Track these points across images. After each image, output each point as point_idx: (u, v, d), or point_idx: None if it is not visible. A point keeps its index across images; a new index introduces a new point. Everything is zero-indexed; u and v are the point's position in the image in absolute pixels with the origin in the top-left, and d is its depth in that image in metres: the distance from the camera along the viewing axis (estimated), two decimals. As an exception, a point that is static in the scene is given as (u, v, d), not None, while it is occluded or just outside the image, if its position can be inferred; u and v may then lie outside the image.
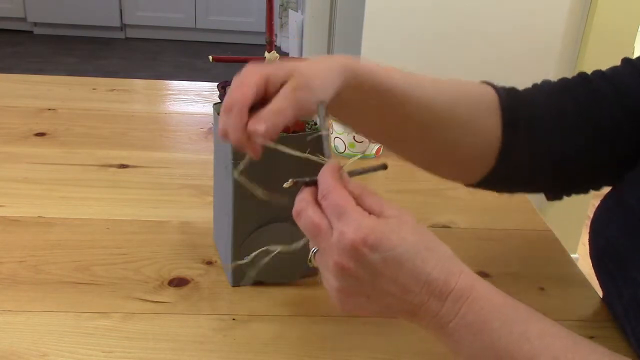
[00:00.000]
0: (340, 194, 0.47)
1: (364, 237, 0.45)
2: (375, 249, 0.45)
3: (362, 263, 0.45)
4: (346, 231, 0.45)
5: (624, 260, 0.61)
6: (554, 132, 0.65)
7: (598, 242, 0.66)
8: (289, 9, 2.68)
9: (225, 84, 0.67)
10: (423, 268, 0.46)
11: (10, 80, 1.26)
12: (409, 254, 0.46)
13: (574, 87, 0.67)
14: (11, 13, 4.13)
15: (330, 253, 0.46)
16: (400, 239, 0.45)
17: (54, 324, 0.62)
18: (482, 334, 0.46)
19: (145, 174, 0.93)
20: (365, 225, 0.45)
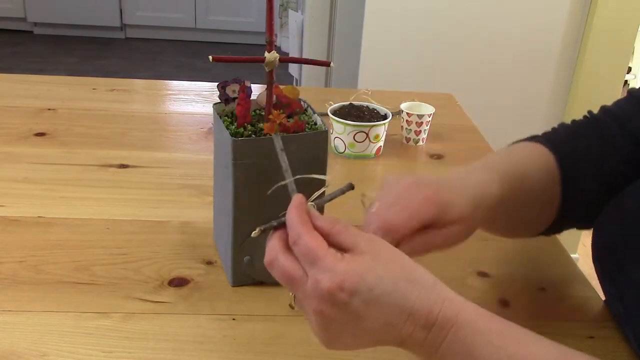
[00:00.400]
0: (309, 238, 0.46)
1: (340, 283, 0.44)
2: (353, 294, 0.45)
3: (341, 308, 0.45)
4: (321, 279, 0.45)
5: (625, 262, 0.61)
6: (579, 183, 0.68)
7: (599, 244, 0.66)
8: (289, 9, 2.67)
9: (225, 84, 0.67)
10: (404, 303, 0.46)
11: (10, 80, 1.26)
12: (388, 291, 0.45)
13: (584, 131, 0.71)
14: (11, 13, 4.13)
15: (309, 300, 0.46)
16: (377, 278, 0.45)
17: (54, 324, 0.62)
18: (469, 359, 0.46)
19: (145, 174, 0.93)
20: (340, 271, 0.45)
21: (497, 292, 0.71)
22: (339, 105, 1.07)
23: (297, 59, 0.72)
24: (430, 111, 1.09)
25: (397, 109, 1.11)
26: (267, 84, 0.64)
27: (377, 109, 1.07)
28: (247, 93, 0.65)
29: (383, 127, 1.03)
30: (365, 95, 1.14)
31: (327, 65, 0.63)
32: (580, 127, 0.72)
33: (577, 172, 0.67)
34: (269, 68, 0.62)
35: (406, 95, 1.20)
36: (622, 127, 0.68)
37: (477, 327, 0.46)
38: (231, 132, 0.63)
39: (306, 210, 0.49)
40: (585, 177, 0.68)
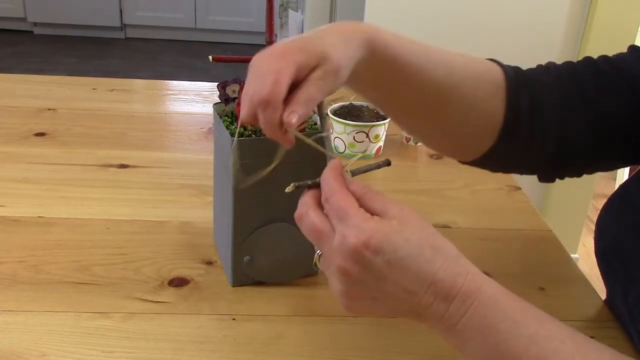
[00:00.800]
0: (342, 196, 0.47)
1: (366, 241, 0.44)
2: (378, 252, 0.44)
3: (365, 266, 0.45)
4: (348, 235, 0.45)
5: (629, 260, 0.61)
6: (555, 116, 0.64)
7: (603, 242, 0.66)
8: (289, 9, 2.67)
9: (225, 84, 0.67)
10: (428, 269, 0.45)
11: (10, 80, 1.26)
12: (413, 255, 0.45)
13: (580, 70, 0.66)
14: (11, 13, 4.13)
15: (333, 257, 0.46)
16: (403, 241, 0.45)
17: (54, 324, 0.62)
18: (489, 337, 0.45)
19: (145, 174, 0.93)
20: (368, 228, 0.45)
21: (497, 292, 0.71)
22: (339, 105, 1.07)
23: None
24: (430, 111, 1.09)
25: (397, 109, 1.11)
26: (267, 84, 0.64)
27: (377, 109, 1.07)
28: (247, 93, 0.65)
29: (383, 127, 1.03)
30: (365, 95, 1.14)
31: (327, 65, 0.63)
32: (575, 67, 0.68)
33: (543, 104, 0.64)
34: (269, 68, 0.62)
35: (406, 95, 1.19)
36: (618, 73, 0.65)
37: (500, 304, 0.46)
38: (231, 132, 0.63)
39: (341, 174, 0.49)
40: (564, 114, 0.64)
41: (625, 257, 0.62)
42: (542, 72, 0.67)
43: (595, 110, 0.64)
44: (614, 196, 0.67)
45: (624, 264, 0.62)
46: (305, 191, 0.50)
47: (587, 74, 0.66)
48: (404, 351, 0.62)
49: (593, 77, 0.65)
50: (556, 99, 0.64)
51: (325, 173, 0.49)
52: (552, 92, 0.65)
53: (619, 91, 0.64)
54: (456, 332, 0.46)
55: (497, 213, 0.90)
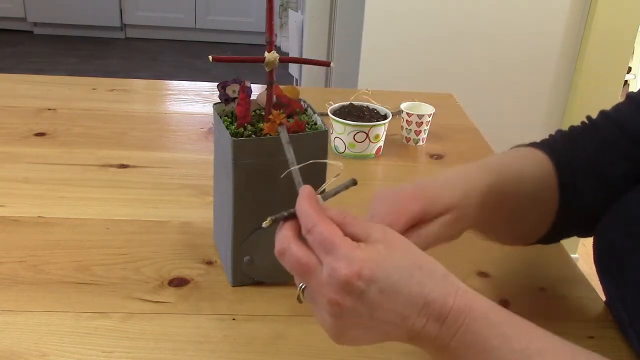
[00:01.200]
0: (325, 227, 0.46)
1: (358, 271, 0.44)
2: (371, 282, 0.44)
3: (358, 297, 0.44)
4: (338, 267, 0.44)
5: (627, 265, 0.61)
6: (577, 191, 0.68)
7: (602, 246, 0.66)
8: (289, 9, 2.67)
9: (225, 84, 0.67)
10: (420, 292, 0.45)
11: (10, 80, 1.26)
12: (404, 280, 0.45)
13: (582, 138, 0.70)
14: (11, 13, 4.13)
15: (323, 290, 0.45)
16: (393, 267, 0.45)
17: (54, 324, 0.62)
18: (481, 353, 0.45)
19: (145, 174, 0.93)
20: (358, 258, 0.44)
21: (497, 292, 0.71)
22: (339, 105, 1.07)
23: (297, 59, 0.72)
24: (430, 111, 1.09)
25: (397, 109, 1.11)
26: (267, 84, 0.64)
27: (377, 109, 1.07)
28: (247, 93, 0.65)
29: (383, 127, 1.03)
30: (365, 95, 1.14)
31: (327, 65, 0.63)
32: (580, 133, 0.71)
33: (575, 179, 0.67)
34: (269, 68, 0.62)
35: (406, 95, 1.20)
36: (622, 130, 0.68)
37: (490, 320, 0.46)
38: (231, 132, 0.63)
39: (316, 201, 0.48)
40: (584, 184, 0.68)
41: (622, 261, 0.62)
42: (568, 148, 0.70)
43: (602, 175, 0.68)
44: (613, 206, 0.67)
45: (621, 268, 0.62)
46: (281, 224, 0.49)
47: (592, 140, 0.69)
48: (404, 351, 0.62)
49: (600, 143, 0.69)
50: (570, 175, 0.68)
51: (299, 203, 0.48)
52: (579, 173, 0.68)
53: (621, 152, 0.67)
54: (449, 351, 0.46)
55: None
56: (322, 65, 0.65)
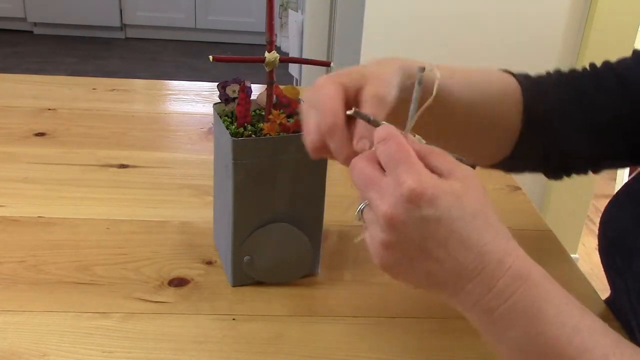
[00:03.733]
0: (400, 142, 0.44)
1: (423, 190, 0.41)
2: (431, 205, 0.42)
3: (414, 217, 0.42)
4: (405, 180, 0.42)
5: (632, 255, 0.61)
6: (560, 125, 0.68)
7: (607, 236, 0.66)
8: (289, 9, 2.67)
9: (225, 84, 0.67)
10: (478, 238, 0.42)
11: (10, 80, 1.26)
12: (465, 220, 0.42)
13: (580, 80, 0.70)
14: (11, 13, 4.13)
15: (382, 202, 0.43)
16: (459, 203, 0.42)
17: (54, 324, 0.62)
18: (533, 325, 0.42)
19: (145, 174, 0.93)
20: (427, 178, 0.42)
21: (497, 292, 0.71)
22: (339, 105, 1.06)
23: (297, 59, 0.72)
24: (430, 111, 1.09)
25: (397, 109, 1.11)
26: (267, 84, 0.64)
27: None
28: (247, 93, 0.65)
29: (383, 127, 1.03)
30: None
31: (327, 65, 0.63)
32: (578, 76, 0.71)
33: (540, 100, 0.67)
34: (269, 68, 0.62)
35: (406, 95, 1.19)
36: (619, 80, 0.67)
37: (548, 289, 0.44)
38: (231, 132, 0.63)
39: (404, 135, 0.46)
40: (567, 123, 0.67)
41: (627, 251, 0.62)
42: (548, 82, 0.71)
43: (594, 120, 0.67)
44: (620, 193, 0.67)
45: (626, 258, 0.62)
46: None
47: (588, 83, 0.69)
48: (404, 351, 0.62)
49: (593, 87, 0.68)
50: (558, 109, 0.68)
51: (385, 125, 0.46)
52: (554, 103, 0.68)
53: (618, 100, 0.67)
54: (494, 318, 0.43)
55: (497, 213, 0.90)
56: (322, 65, 0.65)
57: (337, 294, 0.69)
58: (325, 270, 0.72)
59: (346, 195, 0.92)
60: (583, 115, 0.67)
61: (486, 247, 0.43)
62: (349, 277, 0.73)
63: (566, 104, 0.68)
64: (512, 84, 0.68)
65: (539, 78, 0.71)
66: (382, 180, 0.44)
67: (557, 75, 0.72)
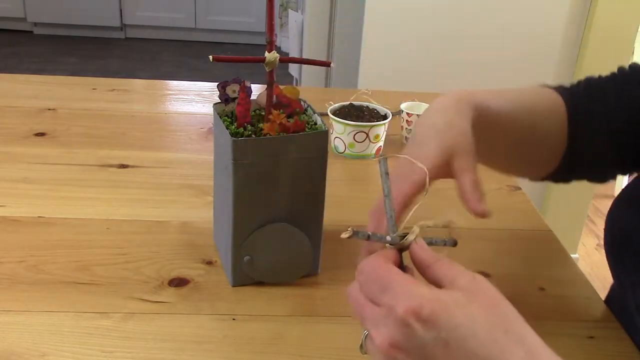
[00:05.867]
0: (379, 268, 0.40)
1: (418, 309, 0.36)
2: (432, 325, 0.36)
3: (416, 343, 0.36)
4: (395, 304, 0.37)
5: (638, 252, 0.61)
6: (600, 132, 0.69)
7: (614, 232, 0.66)
8: (289, 9, 2.67)
9: (225, 84, 0.67)
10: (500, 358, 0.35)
11: (10, 80, 1.26)
12: (480, 338, 0.35)
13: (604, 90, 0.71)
14: (11, 13, 4.13)
15: (378, 333, 0.38)
16: (466, 316, 0.36)
17: (54, 324, 0.62)
18: None
19: (145, 174, 0.93)
20: (418, 294, 0.37)
21: (497, 292, 0.71)
22: (339, 105, 1.07)
23: (297, 59, 0.72)
24: (430, 111, 1.09)
25: (397, 109, 1.11)
26: (267, 84, 0.64)
27: (377, 109, 1.07)
28: (247, 93, 0.65)
29: (383, 127, 1.03)
30: (365, 95, 1.14)
31: (327, 65, 0.63)
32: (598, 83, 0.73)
33: (587, 121, 0.69)
34: (269, 68, 0.62)
35: (406, 95, 1.20)
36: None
37: None
38: (231, 132, 0.63)
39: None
40: (595, 130, 0.69)
41: (633, 247, 0.62)
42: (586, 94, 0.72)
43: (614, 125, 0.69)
44: (625, 190, 0.67)
45: (632, 255, 0.62)
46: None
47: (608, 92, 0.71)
48: None
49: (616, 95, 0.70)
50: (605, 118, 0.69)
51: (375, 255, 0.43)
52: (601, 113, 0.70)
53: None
54: None
55: (497, 213, 0.89)
56: (322, 65, 0.65)
57: (337, 294, 0.69)
58: (325, 270, 0.72)
59: (346, 195, 0.92)
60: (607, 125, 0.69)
61: None
62: (349, 277, 0.73)
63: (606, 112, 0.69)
64: (557, 101, 0.70)
65: (581, 90, 0.72)
66: (374, 310, 0.39)
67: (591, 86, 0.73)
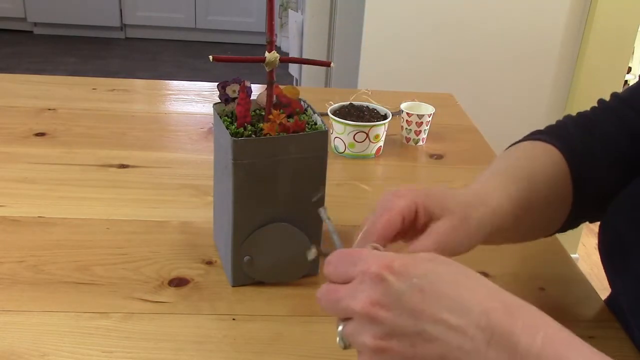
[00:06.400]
0: (346, 250, 0.43)
1: (389, 263, 0.39)
2: (405, 275, 0.38)
3: (394, 297, 0.38)
4: (368, 267, 0.39)
5: (629, 254, 0.61)
6: (593, 176, 0.67)
7: (607, 235, 0.66)
8: (289, 9, 2.67)
9: (225, 84, 0.67)
10: (471, 297, 0.37)
11: (10, 80, 1.26)
12: (448, 280, 0.38)
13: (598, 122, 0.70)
14: (11, 13, 4.13)
15: (356, 301, 0.39)
16: (432, 267, 0.39)
17: (54, 324, 0.62)
18: None
19: (145, 174, 0.93)
20: (388, 255, 0.40)
21: (497, 292, 0.71)
22: (339, 105, 1.07)
23: (297, 59, 0.72)
24: (430, 111, 1.09)
25: (397, 109, 1.11)
26: (267, 84, 0.64)
27: (377, 109, 1.07)
28: (247, 93, 0.65)
29: (383, 127, 1.03)
30: (365, 95, 1.14)
31: (327, 65, 0.63)
32: (592, 118, 0.71)
33: (589, 168, 0.67)
34: (269, 68, 0.62)
35: (406, 95, 1.20)
36: (635, 111, 0.68)
37: (569, 340, 0.40)
38: (231, 132, 0.63)
39: None
40: (599, 172, 0.67)
41: (625, 250, 0.62)
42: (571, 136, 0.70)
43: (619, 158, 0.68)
44: (621, 194, 0.67)
45: (623, 258, 0.62)
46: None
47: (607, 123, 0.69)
48: None
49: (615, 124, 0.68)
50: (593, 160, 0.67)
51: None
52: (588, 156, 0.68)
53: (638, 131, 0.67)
54: None
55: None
56: (322, 65, 0.65)
57: (337, 294, 0.69)
58: (325, 270, 0.72)
59: (346, 195, 0.92)
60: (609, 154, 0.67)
61: (484, 304, 0.38)
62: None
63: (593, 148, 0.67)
64: (557, 159, 0.67)
65: (565, 134, 0.70)
66: (348, 285, 0.41)
67: (573, 124, 0.71)
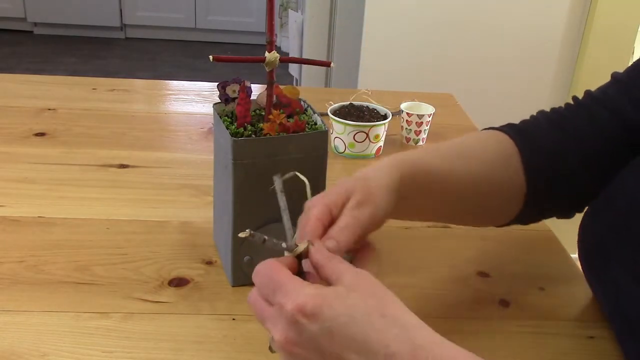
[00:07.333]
0: (271, 270, 0.44)
1: (302, 306, 0.40)
2: (316, 318, 0.40)
3: (305, 337, 0.41)
4: (284, 303, 0.41)
5: (608, 260, 0.61)
6: (563, 167, 0.67)
7: (586, 240, 0.66)
8: (289, 9, 2.67)
9: (225, 84, 0.67)
10: (378, 340, 0.39)
11: (10, 80, 1.26)
12: (358, 323, 0.40)
13: (571, 119, 0.70)
14: (11, 13, 4.13)
15: (275, 330, 0.43)
16: (345, 306, 0.40)
17: (54, 324, 0.62)
18: None
19: (145, 174, 0.93)
20: (303, 294, 0.41)
21: (497, 292, 0.71)
22: (339, 105, 1.07)
23: (297, 59, 0.72)
24: (430, 111, 1.09)
25: (397, 109, 1.11)
26: (267, 84, 0.64)
27: (377, 109, 1.07)
28: (247, 93, 0.65)
29: (383, 127, 1.03)
30: (365, 95, 1.14)
31: (327, 66, 0.63)
32: (566, 115, 0.71)
33: (553, 160, 0.66)
34: (269, 68, 0.62)
35: (406, 95, 1.20)
36: (609, 111, 0.67)
37: None
38: (231, 132, 0.63)
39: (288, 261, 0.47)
40: (565, 164, 0.67)
41: (604, 256, 0.62)
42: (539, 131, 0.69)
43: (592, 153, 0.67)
44: (596, 201, 0.67)
45: (603, 264, 0.62)
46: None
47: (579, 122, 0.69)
48: None
49: (588, 120, 0.68)
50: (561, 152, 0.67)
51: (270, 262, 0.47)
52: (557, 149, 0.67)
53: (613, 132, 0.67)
54: None
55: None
56: (322, 65, 0.65)
57: (337, 294, 0.69)
58: (325, 270, 0.72)
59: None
60: (580, 154, 0.67)
61: (391, 347, 0.39)
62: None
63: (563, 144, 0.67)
64: (508, 146, 0.67)
65: (531, 128, 0.70)
66: (270, 309, 0.44)
67: (546, 120, 0.71)
